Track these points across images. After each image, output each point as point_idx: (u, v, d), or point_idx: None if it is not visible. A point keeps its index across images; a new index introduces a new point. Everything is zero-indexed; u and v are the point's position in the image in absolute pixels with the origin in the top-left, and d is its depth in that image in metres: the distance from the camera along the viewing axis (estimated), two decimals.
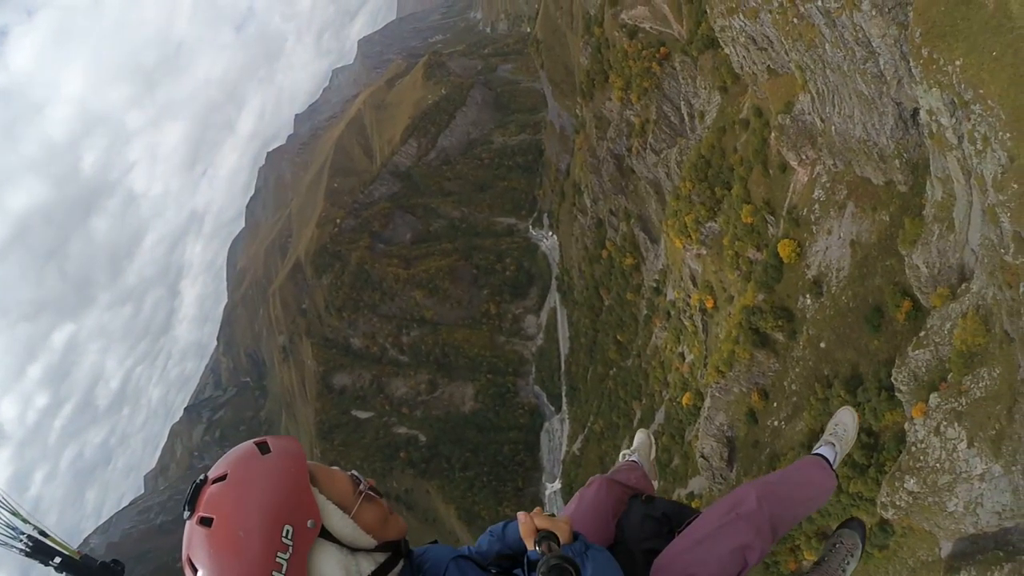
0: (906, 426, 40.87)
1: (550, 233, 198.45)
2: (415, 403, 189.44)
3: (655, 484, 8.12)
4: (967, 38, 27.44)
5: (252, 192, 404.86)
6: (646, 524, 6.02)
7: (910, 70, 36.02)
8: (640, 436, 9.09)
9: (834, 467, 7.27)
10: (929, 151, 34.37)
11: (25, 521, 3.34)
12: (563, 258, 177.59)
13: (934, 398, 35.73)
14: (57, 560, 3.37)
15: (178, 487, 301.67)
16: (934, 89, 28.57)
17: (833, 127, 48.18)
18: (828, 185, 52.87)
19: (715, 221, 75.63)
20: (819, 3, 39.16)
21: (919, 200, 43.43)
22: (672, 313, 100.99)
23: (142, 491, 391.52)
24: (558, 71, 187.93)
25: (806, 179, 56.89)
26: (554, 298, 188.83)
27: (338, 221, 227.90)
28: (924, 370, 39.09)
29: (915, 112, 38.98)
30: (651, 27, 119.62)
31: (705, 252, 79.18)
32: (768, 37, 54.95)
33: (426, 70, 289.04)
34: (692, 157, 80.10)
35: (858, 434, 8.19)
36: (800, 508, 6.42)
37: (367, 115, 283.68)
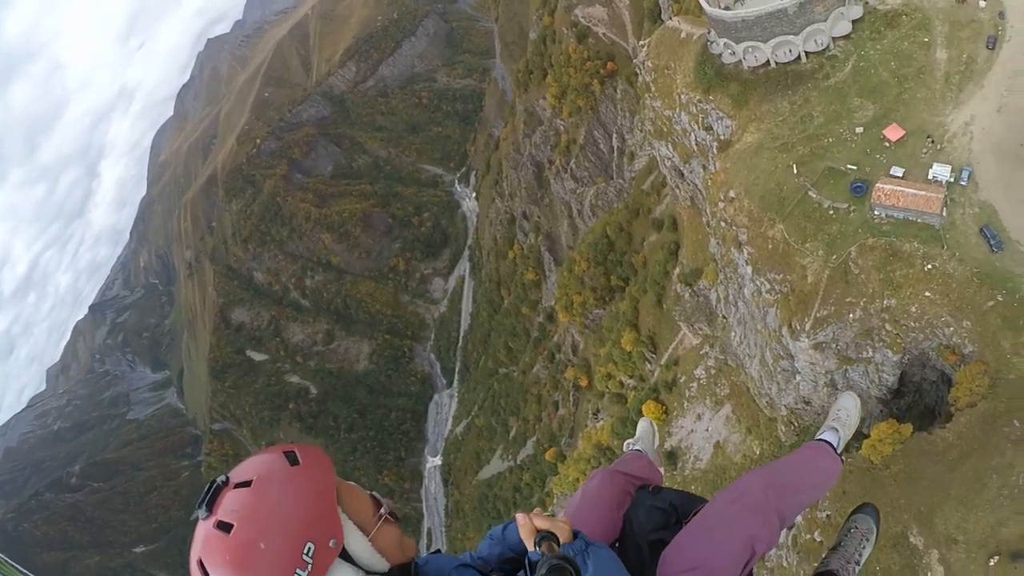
0: None
1: (473, 194, 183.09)
2: (310, 352, 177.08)
3: (661, 471, 7.64)
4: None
5: (187, 78, 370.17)
6: (653, 515, 5.76)
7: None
8: (643, 424, 8.76)
9: (838, 451, 6.99)
10: None
11: None
12: (479, 231, 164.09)
13: None
14: None
15: (76, 391, 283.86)
16: None
17: (733, 336, 38.16)
18: (713, 372, 43.76)
19: (603, 310, 65.86)
20: (748, 272, 27.68)
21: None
22: (555, 358, 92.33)
23: (43, 387, 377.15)
24: (512, 30, 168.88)
25: (695, 342, 47.42)
26: (465, 266, 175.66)
27: (259, 141, 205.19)
28: None
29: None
30: (604, 33, 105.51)
31: (588, 332, 69.83)
32: (697, 186, 43.61)
33: None
34: (596, 233, 68.70)
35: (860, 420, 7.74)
36: (806, 495, 6.19)
37: (313, 23, 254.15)
